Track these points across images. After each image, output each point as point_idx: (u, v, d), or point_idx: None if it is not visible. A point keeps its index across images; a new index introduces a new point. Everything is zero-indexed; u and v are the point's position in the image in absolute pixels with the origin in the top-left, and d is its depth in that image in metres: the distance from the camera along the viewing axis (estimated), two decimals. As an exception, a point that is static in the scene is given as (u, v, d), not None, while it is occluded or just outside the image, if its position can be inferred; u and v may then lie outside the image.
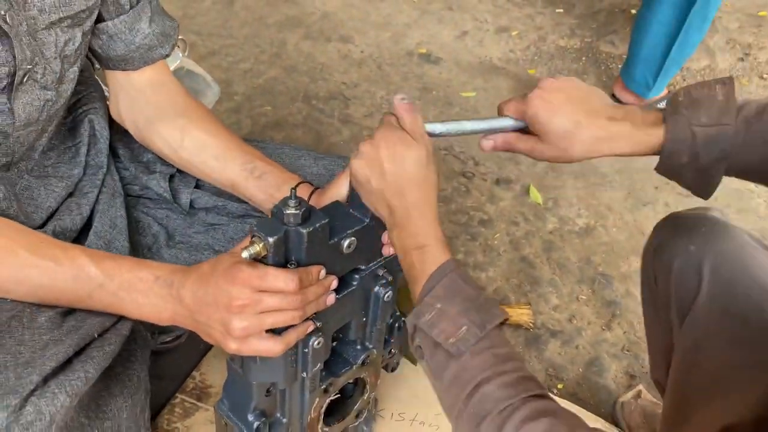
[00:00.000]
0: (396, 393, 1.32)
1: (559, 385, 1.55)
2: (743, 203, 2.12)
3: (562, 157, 0.88)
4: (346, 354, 1.00)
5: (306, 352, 0.87)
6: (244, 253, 0.76)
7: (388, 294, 0.93)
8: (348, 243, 0.85)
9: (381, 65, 2.64)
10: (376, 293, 0.93)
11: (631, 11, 3.03)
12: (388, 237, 0.88)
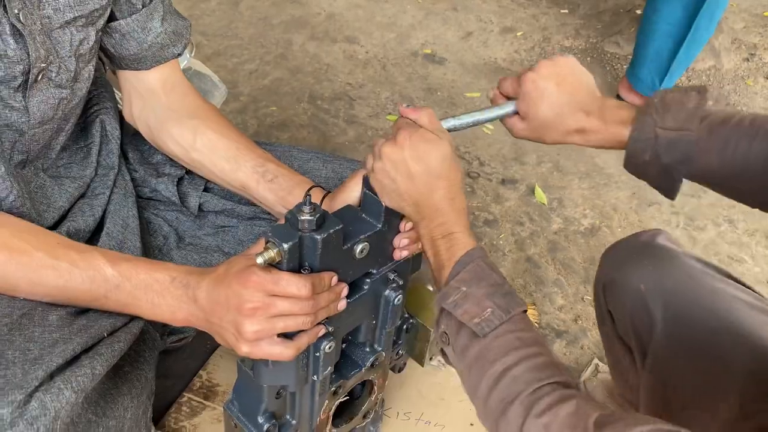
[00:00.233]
0: (402, 392, 1.33)
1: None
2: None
3: (536, 139, 0.97)
4: (355, 356, 1.00)
5: (317, 356, 0.87)
6: (258, 259, 0.76)
7: (398, 297, 0.93)
8: (361, 248, 0.85)
9: (386, 66, 2.65)
10: (386, 297, 0.93)
11: (636, 11, 3.03)
12: (413, 229, 0.90)
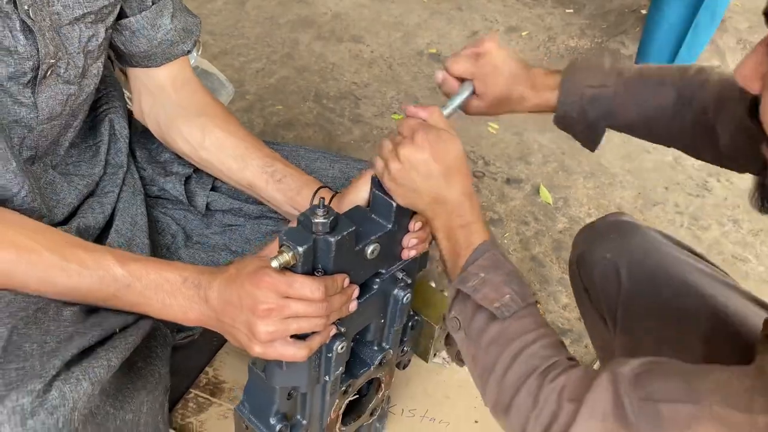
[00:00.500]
0: (407, 390, 1.34)
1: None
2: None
3: (488, 114, 1.05)
4: (364, 355, 1.00)
5: (330, 356, 0.87)
6: (273, 263, 0.76)
7: (407, 296, 0.94)
8: (372, 249, 0.85)
9: (391, 65, 2.65)
10: (395, 296, 0.94)
11: (642, 11, 3.03)
12: (422, 228, 0.92)
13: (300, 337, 0.82)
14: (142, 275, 0.83)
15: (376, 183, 0.88)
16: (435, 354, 1.38)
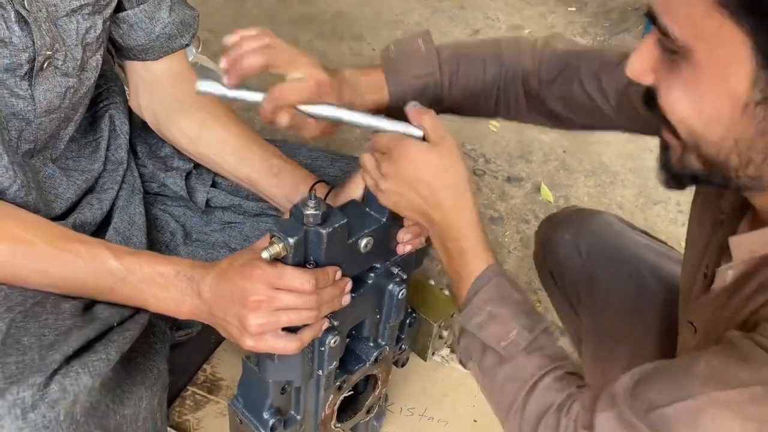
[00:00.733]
0: (405, 388, 1.33)
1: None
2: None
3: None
4: (359, 351, 1.00)
5: (322, 350, 0.87)
6: (264, 254, 0.76)
7: (402, 292, 0.93)
8: (365, 242, 0.85)
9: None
10: (390, 291, 0.93)
11: (644, 9, 3.03)
12: (416, 224, 0.88)
13: (292, 330, 0.81)
14: (136, 269, 0.84)
15: None
16: (433, 352, 1.37)
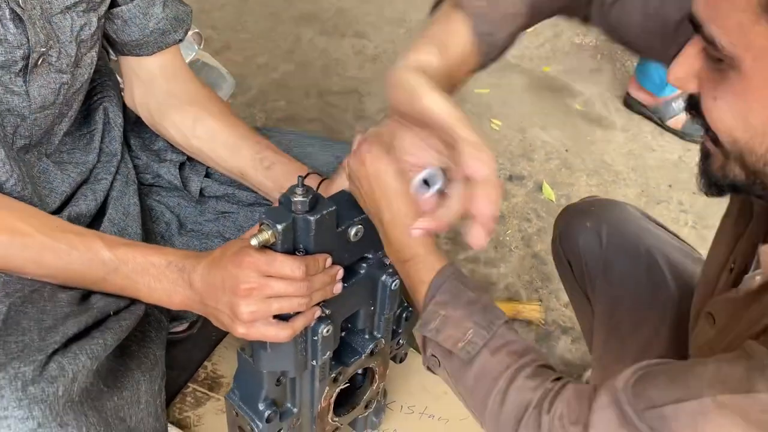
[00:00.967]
0: (405, 386, 1.33)
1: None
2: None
3: None
4: (354, 343, 1.00)
5: (315, 340, 0.87)
6: (252, 241, 0.77)
7: (395, 282, 0.93)
8: (355, 231, 0.85)
9: (395, 61, 2.64)
10: (383, 282, 0.93)
11: (648, 9, 3.02)
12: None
13: (284, 318, 0.82)
14: (128, 259, 0.85)
15: None
16: (432, 348, 1.37)
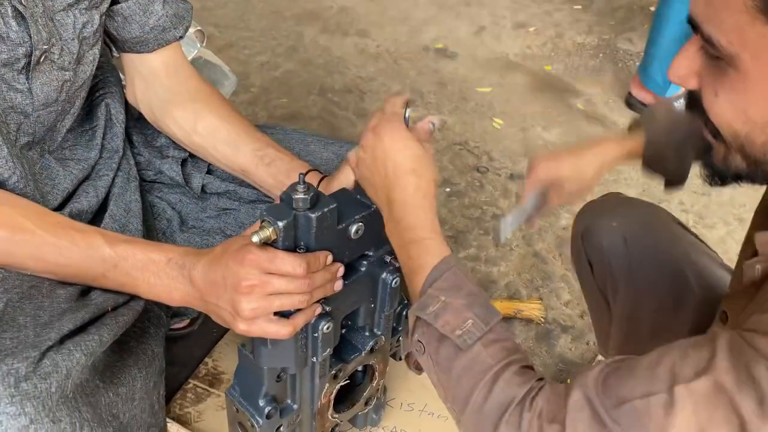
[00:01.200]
0: (405, 383, 1.33)
1: (569, 381, 1.56)
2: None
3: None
4: (354, 341, 1.00)
5: (316, 336, 0.87)
6: (254, 237, 0.76)
7: (395, 280, 0.93)
8: (356, 228, 0.85)
9: (397, 60, 2.65)
10: (383, 279, 0.93)
11: (650, 8, 3.02)
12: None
13: (285, 315, 0.82)
14: (128, 255, 0.85)
15: None
16: (432, 345, 1.37)
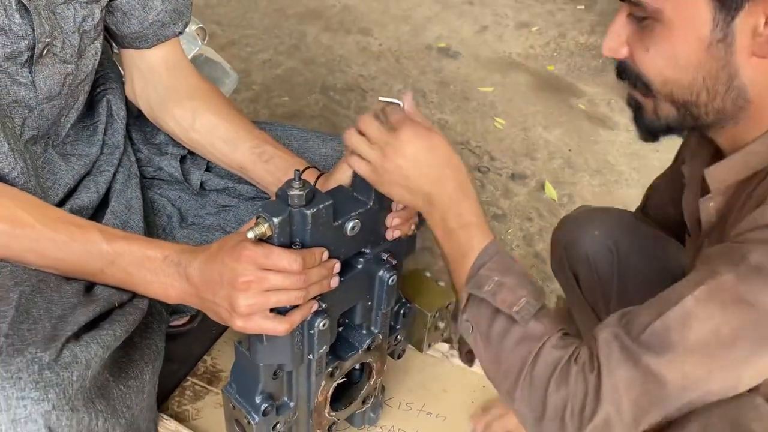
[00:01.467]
0: (404, 383, 1.33)
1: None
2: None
3: None
4: (351, 338, 1.00)
5: (312, 333, 0.87)
6: (249, 234, 0.77)
7: (392, 278, 0.93)
8: (352, 225, 0.85)
9: (399, 58, 2.64)
10: (380, 277, 0.93)
11: (654, 9, 3.01)
12: (397, 238, 0.91)
13: (281, 312, 0.82)
14: (125, 252, 0.85)
15: None
16: (429, 344, 1.36)
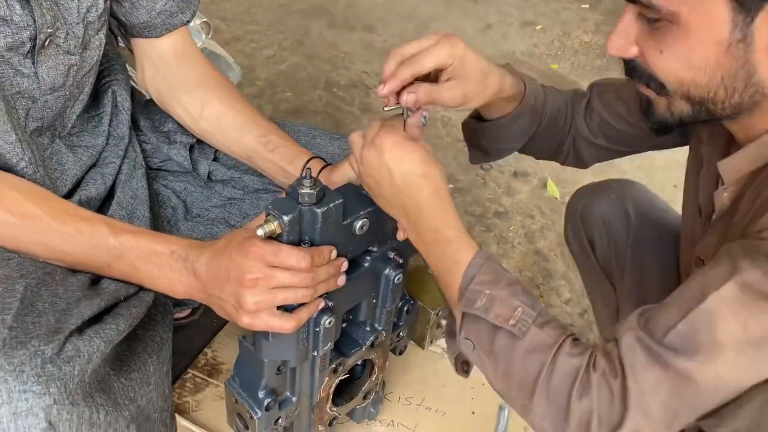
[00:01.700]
0: (404, 377, 1.33)
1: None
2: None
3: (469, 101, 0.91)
4: (355, 335, 1.01)
5: (317, 331, 0.88)
6: (259, 231, 0.77)
7: (398, 276, 0.94)
8: (361, 224, 0.85)
9: (403, 55, 2.64)
10: (386, 275, 0.94)
11: (658, 9, 3.01)
12: (406, 238, 0.89)
13: (288, 309, 0.82)
14: (132, 246, 0.85)
15: None
16: (432, 341, 1.37)
